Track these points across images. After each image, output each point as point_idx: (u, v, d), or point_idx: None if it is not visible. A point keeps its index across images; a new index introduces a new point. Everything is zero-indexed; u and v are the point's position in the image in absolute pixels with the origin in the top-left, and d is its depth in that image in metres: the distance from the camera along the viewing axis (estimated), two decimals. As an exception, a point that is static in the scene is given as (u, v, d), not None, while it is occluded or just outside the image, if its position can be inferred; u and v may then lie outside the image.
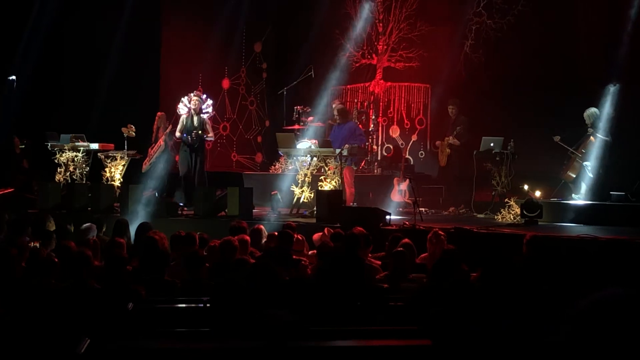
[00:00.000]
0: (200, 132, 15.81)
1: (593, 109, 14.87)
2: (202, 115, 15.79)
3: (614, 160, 14.75)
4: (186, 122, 15.84)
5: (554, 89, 16.57)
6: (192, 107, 15.79)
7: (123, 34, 19.11)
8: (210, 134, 16.15)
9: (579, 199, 14.70)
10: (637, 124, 15.33)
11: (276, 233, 10.45)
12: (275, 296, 5.92)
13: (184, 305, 7.01)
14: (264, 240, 10.55)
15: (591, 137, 14.78)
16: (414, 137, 20.04)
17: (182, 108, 16.07)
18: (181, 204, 15.47)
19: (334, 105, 17.15)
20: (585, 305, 2.62)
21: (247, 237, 9.74)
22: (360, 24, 19.68)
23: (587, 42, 16.59)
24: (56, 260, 8.17)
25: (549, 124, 15.59)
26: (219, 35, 20.06)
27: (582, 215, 13.76)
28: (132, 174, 16.70)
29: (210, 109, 16.19)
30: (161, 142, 16.94)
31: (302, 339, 5.16)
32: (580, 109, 15.11)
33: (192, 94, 16.11)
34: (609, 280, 8.32)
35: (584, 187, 14.79)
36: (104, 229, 12.04)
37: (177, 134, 16.07)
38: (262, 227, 11.04)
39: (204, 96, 16.20)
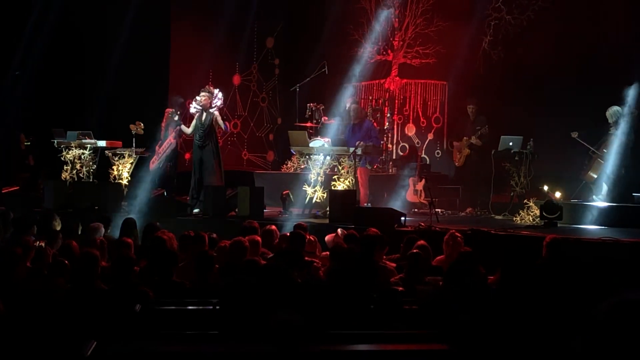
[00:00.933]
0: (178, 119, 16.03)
1: (615, 108, 14.76)
2: (210, 110, 15.71)
3: (636, 161, 14.65)
4: (197, 121, 15.82)
5: (575, 87, 16.47)
6: (201, 104, 15.70)
7: (132, 30, 19.13)
8: (222, 124, 16.01)
9: (601, 200, 14.63)
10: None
11: (288, 234, 10.43)
12: (287, 298, 5.91)
13: (192, 307, 7.00)
14: (275, 241, 10.53)
15: (613, 136, 14.69)
16: (430, 136, 20.00)
17: (194, 107, 16.02)
18: (196, 210, 15.39)
19: (348, 104, 17.13)
20: (605, 309, 2.60)
21: (258, 238, 9.72)
22: (376, 20, 19.68)
23: (610, 38, 16.50)
24: (66, 262, 8.18)
25: (570, 123, 15.48)
26: (229, 30, 20.06)
27: (603, 217, 13.69)
28: (140, 172, 16.71)
29: (219, 102, 16.11)
30: (171, 139, 16.95)
31: (314, 343, 5.14)
32: (602, 107, 15.01)
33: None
34: (630, 284, 8.28)
35: (605, 188, 14.71)
36: (110, 229, 12.06)
37: (188, 131, 16.08)
38: (273, 227, 11.02)
39: (216, 91, 16.10)
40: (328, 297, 6.14)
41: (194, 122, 15.90)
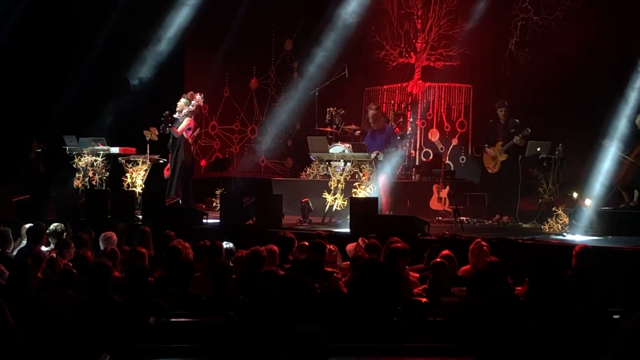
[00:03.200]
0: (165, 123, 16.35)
1: (646, 114, 14.72)
2: (181, 114, 16.16)
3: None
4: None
5: (607, 90, 16.35)
6: (177, 109, 16.18)
7: (146, 34, 19.23)
8: (180, 129, 16.30)
9: (633, 207, 14.54)
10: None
11: (307, 243, 10.41)
12: (307, 310, 5.90)
13: (209, 319, 7.00)
14: (294, 251, 10.52)
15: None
16: (455, 141, 19.95)
17: (176, 112, 16.38)
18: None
19: (369, 109, 17.13)
20: (635, 323, 2.59)
21: (276, 248, 9.71)
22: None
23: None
24: (74, 271, 8.22)
25: (601, 128, 15.40)
26: (246, 32, 20.10)
27: (636, 225, 13.62)
28: (155, 180, 16.76)
29: (192, 107, 16.40)
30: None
31: (335, 356, 5.14)
32: (635, 111, 14.94)
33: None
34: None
35: (637, 195, 14.63)
36: (124, 238, 12.08)
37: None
38: (292, 236, 11.01)
39: (198, 96, 16.43)
40: (349, 309, 6.13)
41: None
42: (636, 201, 14.56)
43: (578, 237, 12.89)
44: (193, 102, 16.55)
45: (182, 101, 16.36)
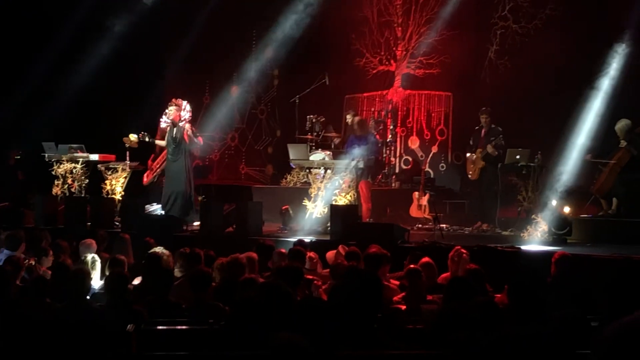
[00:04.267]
0: (144, 133, 16.11)
1: (624, 121, 14.76)
2: (180, 124, 15.80)
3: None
4: (168, 135, 15.90)
5: (586, 98, 16.38)
6: (170, 118, 15.88)
7: (125, 41, 19.18)
8: (196, 140, 16.07)
9: (611, 215, 14.61)
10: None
11: (287, 251, 10.41)
12: (287, 318, 5.90)
13: (188, 327, 6.99)
14: (274, 258, 10.51)
15: (624, 150, 14.68)
16: (435, 149, 20.01)
17: (164, 122, 16.21)
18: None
19: (348, 116, 17.13)
20: (617, 329, 2.60)
21: (255, 255, 9.70)
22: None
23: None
24: (50, 278, 8.18)
25: (580, 135, 15.47)
26: (227, 40, 20.09)
27: (614, 232, 13.69)
28: (134, 187, 16.71)
29: (187, 115, 16.27)
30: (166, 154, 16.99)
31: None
32: (614, 119, 15.02)
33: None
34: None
35: (615, 202, 14.70)
36: (104, 246, 12.04)
37: (162, 144, 16.18)
38: (272, 243, 11.01)
39: (184, 103, 16.30)
40: (330, 316, 6.13)
41: (166, 136, 15.98)
42: (614, 209, 14.63)
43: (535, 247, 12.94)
44: (187, 108, 16.42)
45: (172, 109, 16.04)
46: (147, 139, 16.45)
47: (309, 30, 20.28)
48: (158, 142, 16.43)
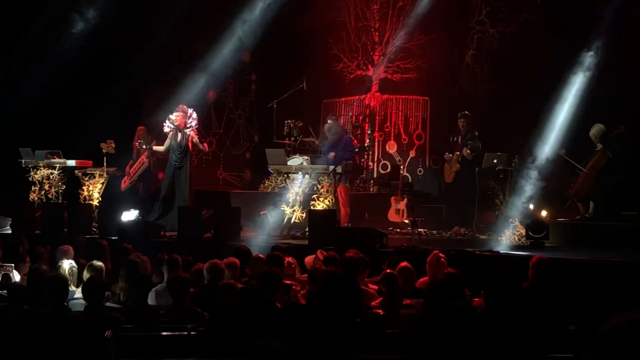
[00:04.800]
0: (140, 142, 16.22)
1: (599, 126, 14.86)
2: (186, 130, 15.80)
3: (624, 178, 14.72)
4: (171, 140, 15.88)
5: (563, 103, 16.45)
6: (175, 123, 15.81)
7: (101, 45, 19.08)
8: (201, 146, 16.12)
9: (588, 219, 14.69)
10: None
11: (262, 256, 10.39)
12: (266, 323, 5.90)
13: (167, 333, 6.97)
14: (253, 263, 10.50)
15: (600, 153, 14.76)
16: (412, 153, 20.04)
17: (168, 126, 16.08)
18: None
19: (328, 120, 17.14)
20: (605, 332, 2.61)
21: (237, 260, 9.69)
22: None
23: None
24: (26, 285, 8.15)
25: (557, 139, 15.55)
26: (204, 44, 20.02)
27: (591, 236, 13.77)
28: (112, 193, 16.65)
29: (194, 123, 16.14)
30: (143, 158, 16.94)
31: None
32: (589, 122, 15.10)
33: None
34: (621, 305, 8.32)
35: (592, 206, 14.78)
36: (81, 252, 11.98)
37: (161, 149, 16.13)
38: (249, 249, 10.99)
39: (190, 110, 16.19)
40: (308, 321, 6.13)
41: (167, 141, 15.95)
42: (592, 212, 14.72)
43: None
44: (194, 115, 16.31)
45: (178, 114, 15.89)
46: (144, 147, 16.44)
47: (286, 35, 20.29)
48: (156, 148, 16.36)
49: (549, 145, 15.48)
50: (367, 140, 19.27)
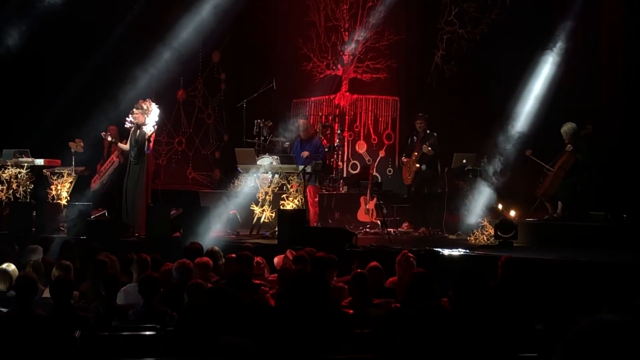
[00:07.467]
0: (105, 132, 16.21)
1: (570, 124, 14.91)
2: (144, 127, 15.51)
3: (592, 178, 14.80)
4: (131, 137, 15.71)
5: (531, 102, 16.56)
6: (135, 120, 15.57)
7: (71, 44, 18.95)
8: (145, 147, 15.75)
9: (556, 219, 14.78)
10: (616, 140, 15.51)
11: (234, 255, 10.40)
12: (235, 322, 5.91)
13: (136, 332, 6.97)
14: (221, 263, 10.50)
15: (569, 153, 14.83)
16: (382, 153, 20.08)
17: (129, 123, 15.93)
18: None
19: (299, 119, 17.16)
20: (576, 333, 2.63)
21: (208, 260, 9.68)
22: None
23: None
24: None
25: (524, 139, 15.63)
26: (174, 42, 19.94)
27: (560, 236, 13.86)
28: (80, 192, 16.58)
29: (154, 120, 15.89)
30: (114, 157, 16.86)
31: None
32: (558, 123, 15.18)
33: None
34: (588, 305, 8.39)
35: (560, 206, 14.87)
36: (49, 251, 11.93)
37: (126, 147, 15.94)
38: (217, 249, 10.97)
39: (153, 106, 15.85)
40: (277, 321, 6.15)
41: (129, 138, 15.78)
42: (560, 212, 14.80)
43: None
44: (155, 111, 16.07)
45: (137, 110, 15.66)
46: (109, 139, 16.30)
47: (256, 34, 20.27)
48: (121, 145, 16.22)
49: (516, 144, 15.57)
50: (337, 140, 19.27)
